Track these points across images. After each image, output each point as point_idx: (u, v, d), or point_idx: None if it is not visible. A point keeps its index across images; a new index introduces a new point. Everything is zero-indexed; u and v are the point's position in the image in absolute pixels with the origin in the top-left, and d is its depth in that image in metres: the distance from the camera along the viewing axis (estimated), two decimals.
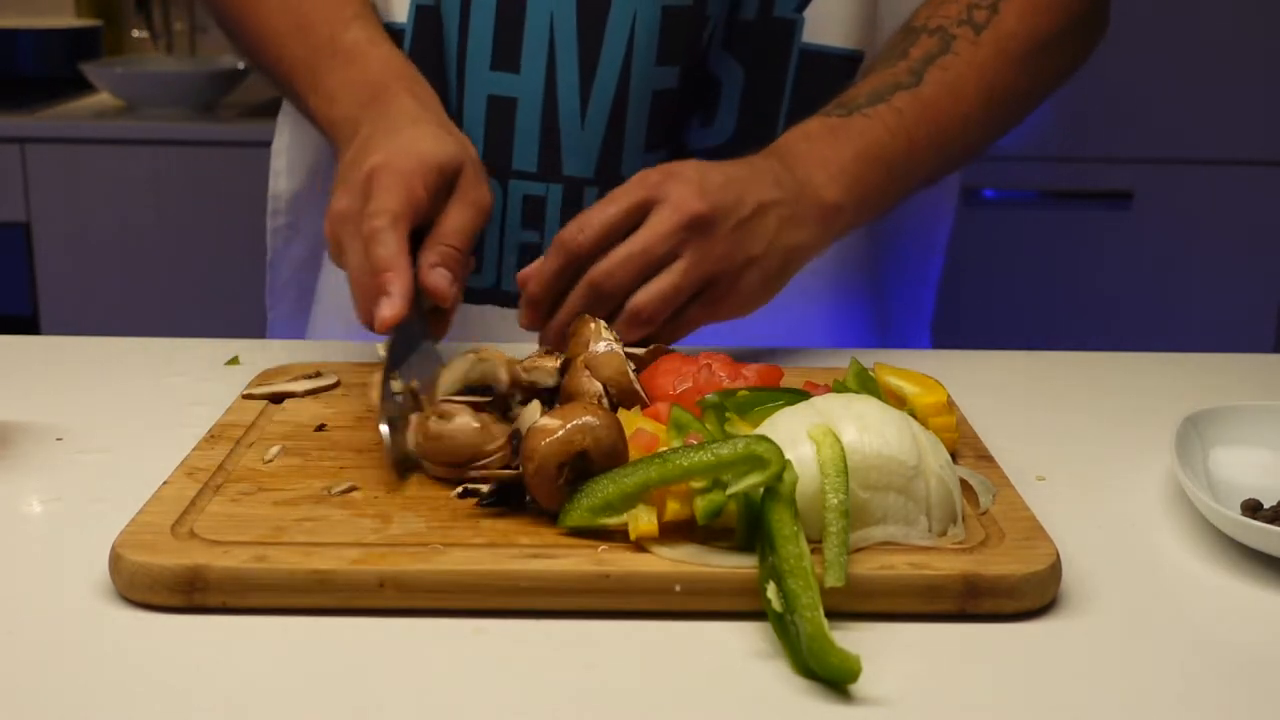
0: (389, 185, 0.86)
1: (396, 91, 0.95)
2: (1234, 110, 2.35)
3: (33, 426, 0.85)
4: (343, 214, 0.87)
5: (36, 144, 2.32)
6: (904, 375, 0.80)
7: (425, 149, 0.88)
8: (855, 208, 0.97)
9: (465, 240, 0.88)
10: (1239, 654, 0.63)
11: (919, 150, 1.00)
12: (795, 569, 0.61)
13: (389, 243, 0.83)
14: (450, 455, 0.73)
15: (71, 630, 0.62)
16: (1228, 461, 0.79)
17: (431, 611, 0.63)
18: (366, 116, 0.93)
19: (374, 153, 0.88)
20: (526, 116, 1.03)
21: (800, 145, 0.97)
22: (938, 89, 1.01)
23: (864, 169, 0.97)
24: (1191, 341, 2.12)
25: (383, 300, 0.82)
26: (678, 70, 1.02)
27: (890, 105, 0.99)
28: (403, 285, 0.82)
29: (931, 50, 1.02)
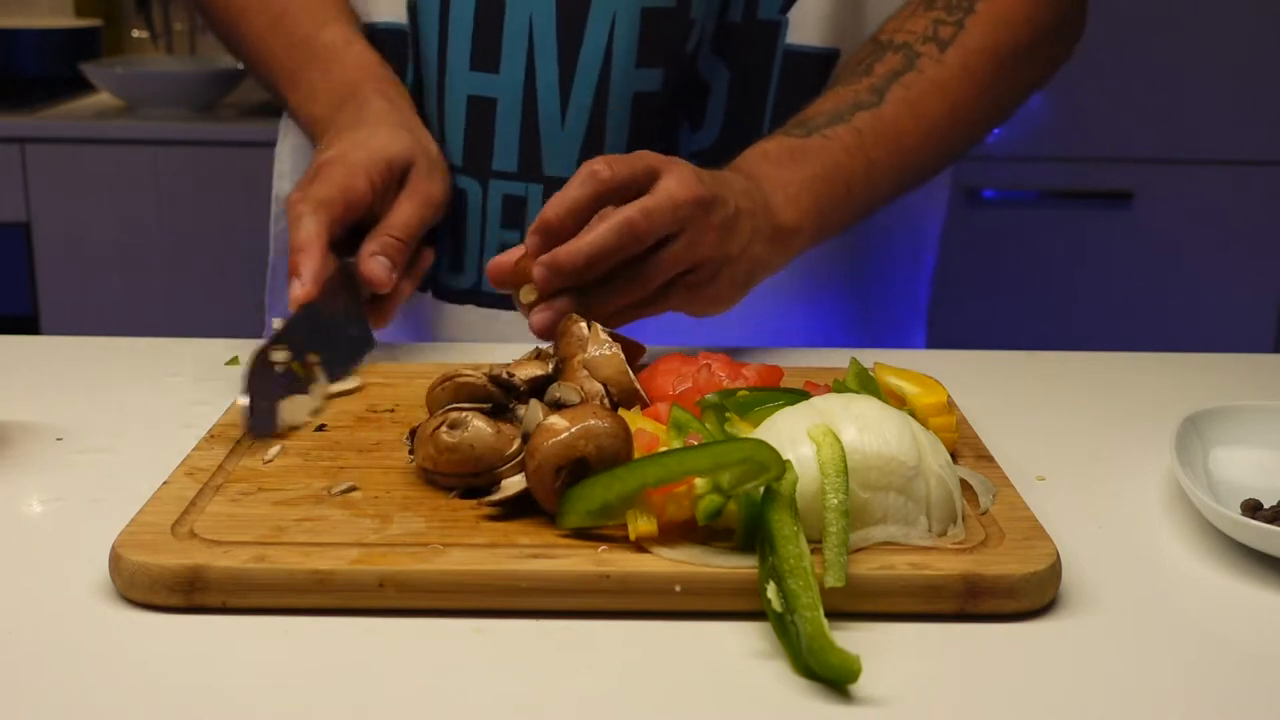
0: (330, 176, 0.89)
1: (368, 93, 0.98)
2: (1234, 110, 2.35)
3: (33, 426, 0.85)
4: (290, 199, 0.91)
5: (36, 144, 2.32)
6: (904, 375, 0.80)
7: (376, 144, 0.91)
8: (813, 229, 0.97)
9: (408, 231, 0.91)
10: (1239, 653, 0.63)
11: (879, 170, 1.00)
12: (795, 569, 0.61)
13: (307, 226, 0.87)
14: (470, 465, 0.71)
15: (71, 630, 0.62)
16: (1228, 461, 0.79)
17: (431, 611, 0.63)
18: (337, 117, 0.97)
19: (330, 148, 0.91)
20: (506, 117, 1.03)
21: (760, 166, 0.97)
22: (899, 108, 1.00)
23: (822, 190, 0.97)
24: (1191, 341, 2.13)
25: (293, 281, 0.86)
26: (661, 73, 1.02)
27: (850, 125, 0.99)
28: (313, 266, 0.86)
29: (896, 67, 1.02)
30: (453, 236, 1.07)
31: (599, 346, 0.80)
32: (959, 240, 2.40)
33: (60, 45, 2.62)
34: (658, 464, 0.65)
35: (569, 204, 0.86)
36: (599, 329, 0.81)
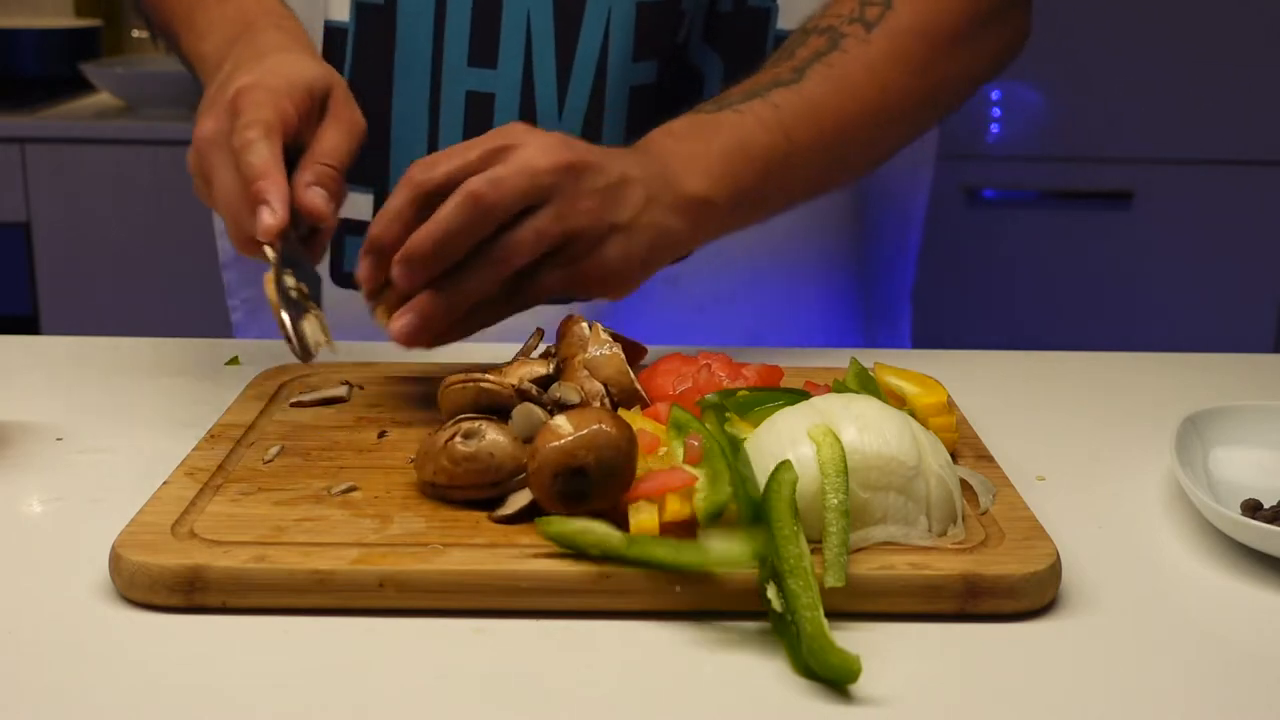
0: (258, 101, 0.83)
1: (263, 26, 0.94)
2: (1234, 110, 2.35)
3: (33, 426, 0.85)
4: (209, 136, 0.84)
5: (36, 144, 2.32)
6: (904, 375, 0.80)
7: (293, 70, 0.86)
8: (728, 203, 0.92)
9: (341, 159, 0.86)
10: (1239, 653, 0.63)
11: (798, 147, 0.95)
12: (795, 569, 0.61)
13: (261, 151, 0.81)
14: (490, 475, 0.70)
15: (71, 630, 0.62)
16: (1228, 461, 0.79)
17: (431, 611, 0.63)
18: (233, 51, 0.92)
19: (240, 78, 0.86)
20: (504, 111, 1.02)
21: (665, 142, 0.93)
22: (821, 86, 0.96)
23: (732, 164, 0.92)
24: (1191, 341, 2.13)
25: (262, 209, 0.79)
26: (655, 66, 1.02)
27: (766, 100, 0.95)
28: (280, 191, 0.80)
29: (819, 48, 0.98)
30: None
31: (600, 346, 0.80)
32: (959, 240, 2.40)
33: (60, 45, 2.62)
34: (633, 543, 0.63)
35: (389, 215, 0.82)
36: (599, 329, 0.81)
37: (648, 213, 0.87)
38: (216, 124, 0.84)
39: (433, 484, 0.71)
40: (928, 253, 2.14)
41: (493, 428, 0.71)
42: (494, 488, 0.70)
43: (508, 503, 0.69)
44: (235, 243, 0.83)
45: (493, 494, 0.70)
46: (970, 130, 2.37)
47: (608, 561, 0.63)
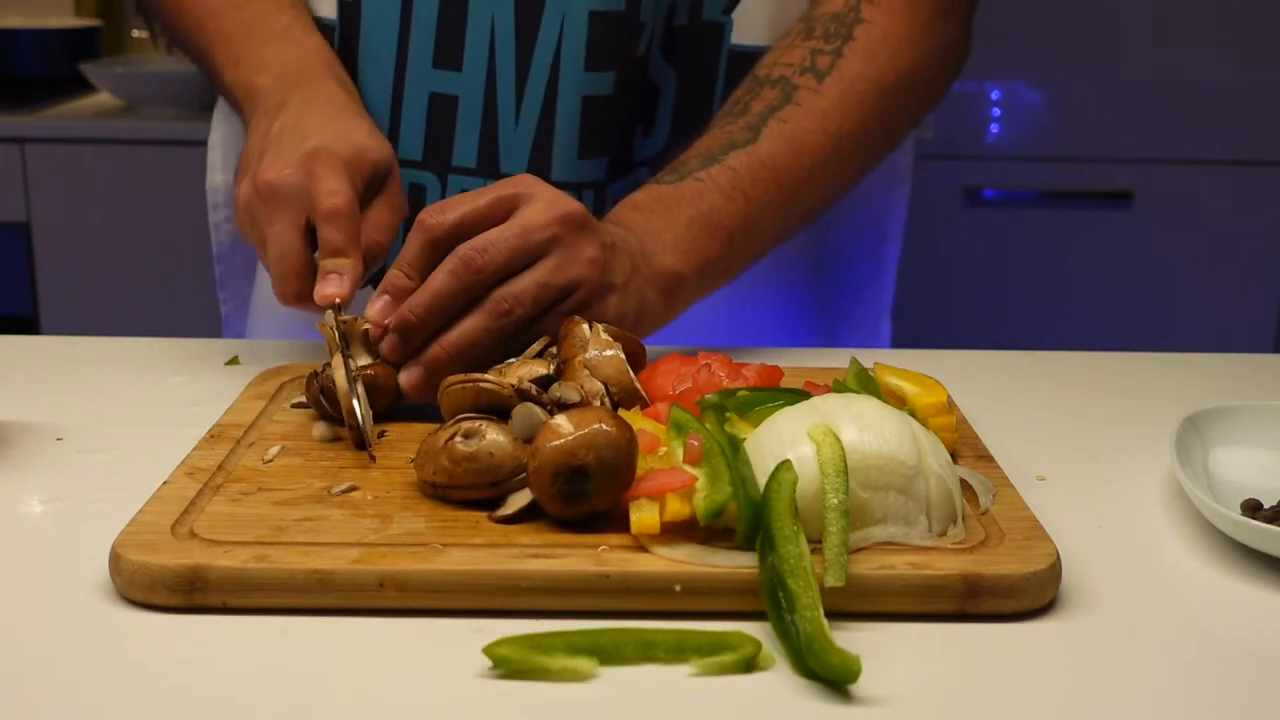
0: (336, 169, 0.85)
1: (326, 78, 0.96)
2: (1234, 110, 2.35)
3: (33, 426, 0.85)
4: (275, 184, 0.85)
5: (36, 144, 2.32)
6: (904, 375, 0.80)
7: (363, 142, 0.88)
8: (696, 276, 0.94)
9: (389, 240, 0.88)
10: (1239, 653, 0.63)
11: (759, 209, 0.96)
12: (795, 569, 0.61)
13: (345, 229, 0.84)
14: (490, 474, 0.70)
15: (71, 630, 0.62)
16: (1228, 461, 0.79)
17: (431, 611, 0.63)
18: (294, 94, 0.93)
19: (312, 133, 0.87)
20: (467, 113, 1.03)
21: (631, 216, 0.94)
22: (776, 143, 0.97)
23: (698, 236, 0.94)
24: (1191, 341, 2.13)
25: (332, 278, 0.82)
26: (612, 77, 1.02)
27: (724, 165, 0.96)
28: (355, 270, 0.83)
29: (772, 102, 0.99)
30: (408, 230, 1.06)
31: (600, 347, 0.80)
32: (959, 240, 2.41)
33: (60, 45, 2.62)
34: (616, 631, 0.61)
35: (405, 261, 0.84)
36: (600, 329, 0.81)
37: (634, 282, 0.89)
38: (289, 175, 0.85)
39: (433, 484, 0.71)
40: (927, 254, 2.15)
41: (493, 428, 0.71)
42: (494, 488, 0.70)
43: (508, 503, 0.69)
44: (280, 294, 0.85)
45: (492, 494, 0.70)
46: (970, 130, 2.37)
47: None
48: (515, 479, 0.70)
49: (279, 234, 0.85)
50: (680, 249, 0.93)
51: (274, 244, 0.85)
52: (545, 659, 0.58)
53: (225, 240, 1.22)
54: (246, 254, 1.22)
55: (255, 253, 1.19)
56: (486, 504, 0.70)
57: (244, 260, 1.22)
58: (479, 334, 0.83)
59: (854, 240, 1.21)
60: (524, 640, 0.59)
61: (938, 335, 2.40)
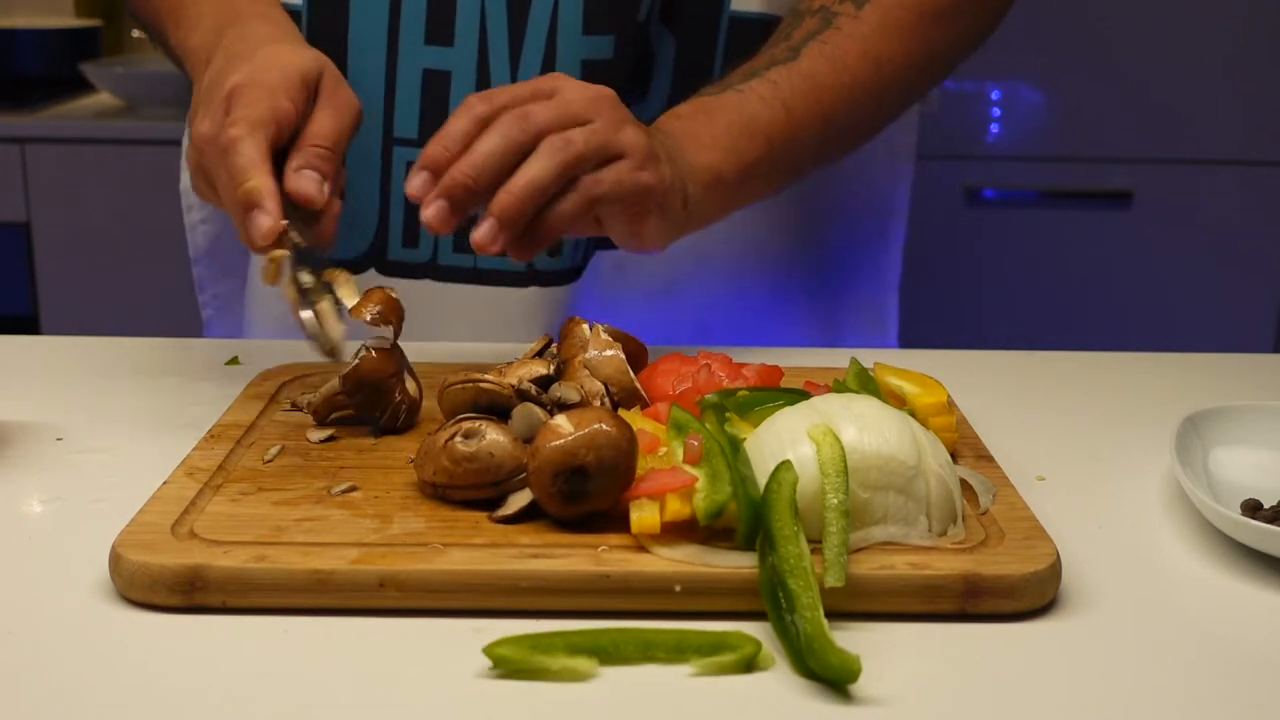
0: (251, 99, 0.83)
1: (249, 17, 0.94)
2: (1234, 110, 2.35)
3: (33, 426, 0.85)
4: (206, 135, 0.84)
5: (36, 144, 2.32)
6: (904, 375, 0.80)
7: (284, 61, 0.86)
8: (737, 176, 0.95)
9: (333, 140, 0.85)
10: (1239, 653, 0.63)
11: (800, 121, 0.98)
12: (795, 569, 0.61)
13: (246, 150, 0.81)
14: (490, 474, 0.70)
15: (71, 630, 0.62)
16: (1228, 461, 0.79)
17: (431, 611, 0.63)
18: (221, 43, 0.91)
19: (233, 73, 0.85)
20: (461, 88, 1.03)
21: (672, 123, 0.95)
22: (816, 60, 0.99)
23: (738, 139, 0.95)
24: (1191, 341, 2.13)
25: (255, 214, 0.79)
26: (611, 41, 1.02)
27: (764, 79, 0.98)
28: (270, 190, 0.80)
29: (812, 29, 1.01)
30: (408, 210, 1.06)
31: (600, 347, 0.80)
32: (959, 240, 2.40)
33: (60, 45, 2.62)
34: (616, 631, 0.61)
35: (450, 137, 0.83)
36: (600, 330, 0.81)
37: (675, 181, 0.90)
38: (211, 124, 0.84)
39: (433, 484, 0.71)
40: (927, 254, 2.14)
41: (493, 428, 0.71)
42: (494, 488, 0.70)
43: (508, 503, 0.69)
44: (245, 242, 0.82)
45: (492, 494, 0.70)
46: (970, 130, 2.37)
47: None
48: (515, 479, 0.70)
49: (224, 184, 0.82)
50: (719, 148, 0.94)
51: (225, 197, 0.83)
52: (545, 659, 0.58)
53: (201, 242, 1.21)
54: (225, 256, 1.21)
55: (234, 253, 1.19)
56: (486, 504, 0.70)
57: (222, 262, 1.21)
58: (544, 175, 0.82)
59: (858, 219, 1.20)
60: (524, 640, 0.59)
61: (937, 335, 2.39)
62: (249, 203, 0.79)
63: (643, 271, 1.10)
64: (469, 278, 1.06)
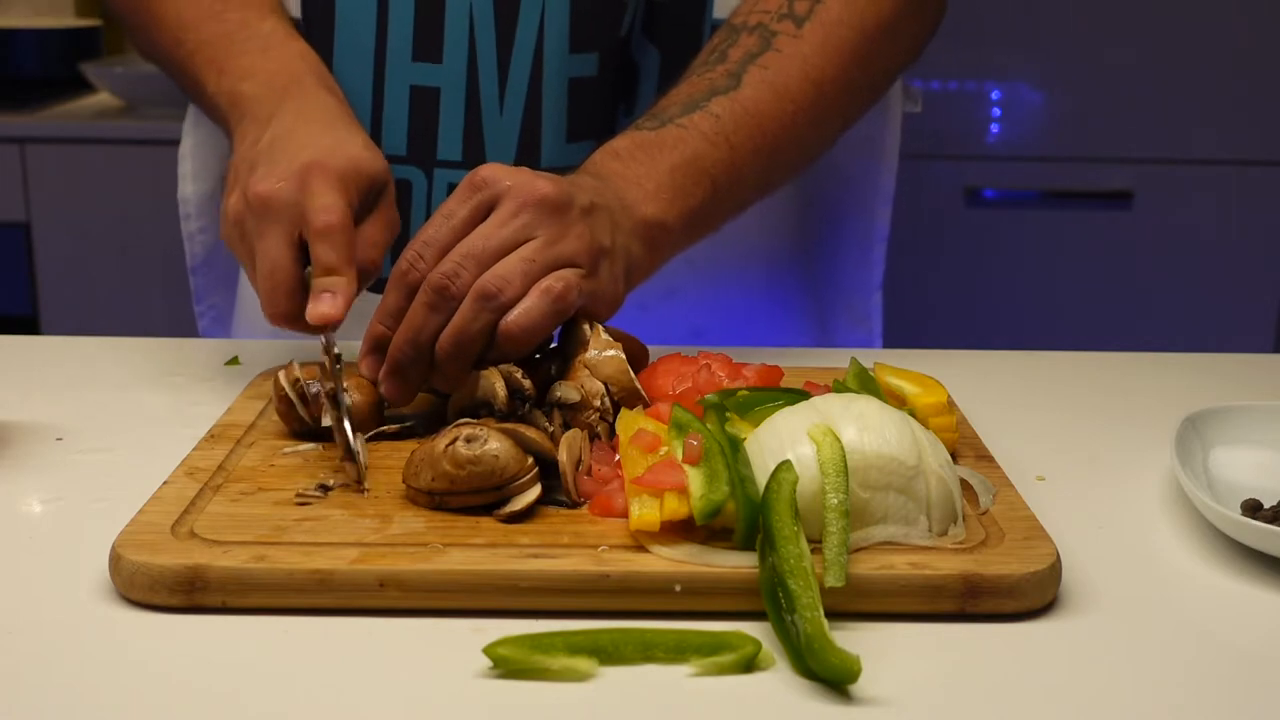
0: (332, 184, 0.82)
1: (315, 87, 0.93)
2: (1234, 110, 2.35)
3: (33, 426, 0.85)
4: (267, 197, 0.81)
5: (36, 144, 2.32)
6: (904, 375, 0.80)
7: (358, 154, 0.85)
8: (681, 224, 0.92)
9: (381, 257, 0.85)
10: (1239, 653, 0.63)
11: (743, 156, 0.95)
12: (795, 569, 0.61)
13: (340, 246, 0.80)
14: (494, 478, 0.69)
15: (71, 630, 0.62)
16: (1228, 461, 0.79)
17: (431, 611, 0.63)
18: (282, 103, 0.90)
19: (306, 145, 0.84)
20: (450, 105, 1.02)
21: (611, 165, 0.92)
22: (758, 89, 0.96)
23: (683, 182, 0.92)
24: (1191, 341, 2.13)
25: (325, 297, 0.78)
26: (596, 58, 1.02)
27: (706, 112, 0.94)
28: (349, 290, 0.79)
29: (751, 49, 0.98)
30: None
31: (600, 347, 0.80)
32: (959, 240, 2.40)
33: (60, 45, 2.62)
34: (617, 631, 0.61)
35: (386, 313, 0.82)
36: (601, 330, 0.81)
37: (619, 238, 0.86)
38: (279, 189, 0.82)
39: (430, 491, 0.70)
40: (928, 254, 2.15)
41: (493, 433, 0.71)
42: (496, 491, 0.70)
43: (513, 500, 0.69)
44: (268, 314, 0.81)
45: (494, 498, 0.70)
46: (970, 130, 2.37)
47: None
48: (518, 482, 0.70)
49: (269, 249, 0.81)
50: (664, 197, 0.90)
51: (264, 259, 0.81)
52: (545, 659, 0.58)
53: (199, 252, 1.20)
54: (223, 265, 1.21)
55: (232, 263, 1.18)
56: (484, 509, 0.70)
57: (220, 271, 1.21)
58: (468, 323, 0.79)
59: (844, 219, 1.20)
60: (524, 640, 0.59)
61: (937, 335, 2.40)
62: (328, 289, 0.79)
63: None
64: None
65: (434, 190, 1.04)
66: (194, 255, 1.21)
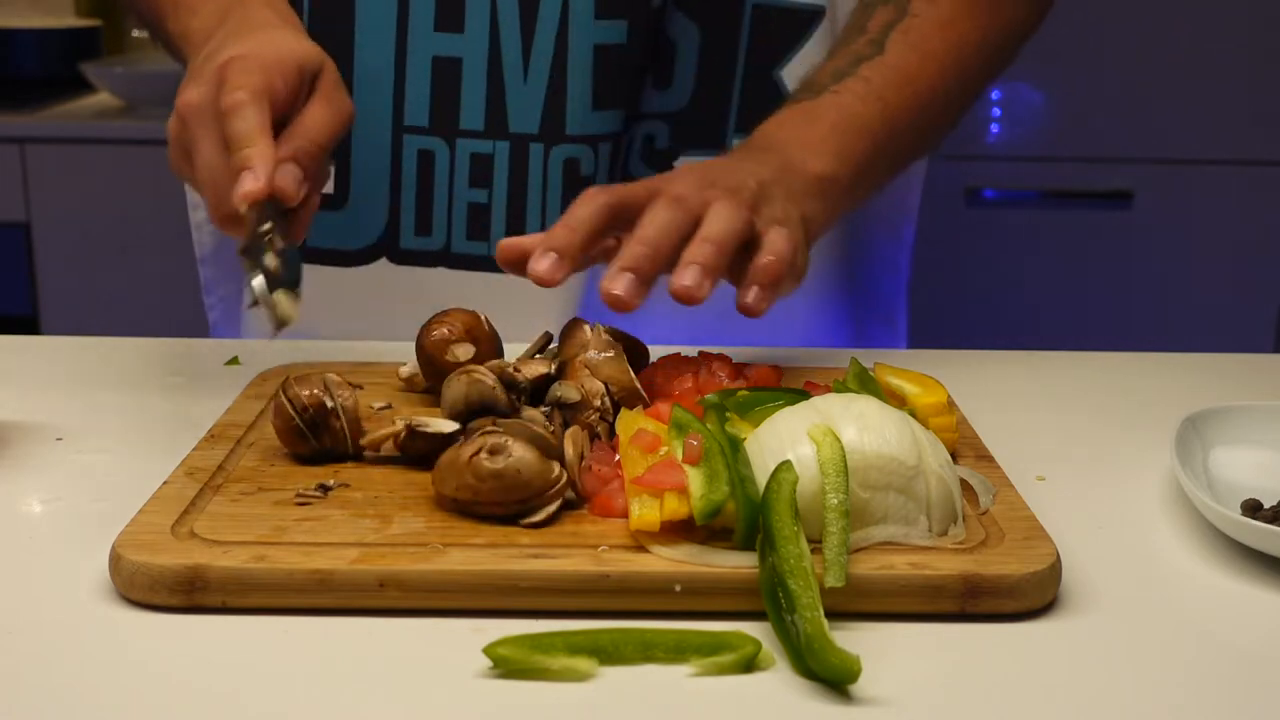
0: (247, 69, 0.80)
1: (253, 3, 0.91)
2: (1234, 110, 2.35)
3: (33, 426, 0.85)
4: (194, 103, 0.80)
5: (36, 144, 2.32)
6: (904, 375, 0.80)
7: (284, 45, 0.83)
8: (850, 177, 0.94)
9: (326, 139, 0.83)
10: (1239, 654, 0.63)
11: (896, 114, 0.98)
12: (795, 569, 0.61)
13: (249, 116, 0.78)
14: (517, 492, 0.68)
15: (71, 630, 0.62)
16: (1228, 461, 0.79)
17: (431, 611, 0.63)
18: (222, 26, 0.88)
19: (229, 50, 0.82)
20: (472, 75, 1.03)
21: (775, 133, 0.95)
22: (903, 52, 0.99)
23: (844, 139, 0.95)
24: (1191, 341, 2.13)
25: (244, 174, 0.76)
26: (624, 25, 1.02)
27: (856, 77, 0.98)
28: (266, 159, 0.77)
29: (889, 18, 1.01)
30: (419, 198, 1.06)
31: (600, 348, 0.80)
32: (959, 240, 2.40)
33: (60, 45, 2.62)
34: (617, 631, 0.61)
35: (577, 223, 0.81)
36: (601, 329, 0.81)
37: (791, 205, 0.88)
38: (202, 92, 0.80)
39: (455, 499, 0.69)
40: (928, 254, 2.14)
41: (518, 444, 0.69)
42: (520, 504, 0.68)
43: (537, 511, 0.68)
44: (215, 219, 0.80)
45: (520, 510, 0.68)
46: (970, 130, 2.37)
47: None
48: (544, 495, 0.69)
49: (203, 153, 0.79)
50: (829, 153, 0.93)
51: (201, 168, 0.79)
52: (545, 659, 0.58)
53: (208, 242, 1.20)
54: (232, 257, 1.21)
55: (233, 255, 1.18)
56: (508, 519, 0.69)
57: (230, 263, 1.21)
58: (732, 220, 0.81)
59: (876, 219, 1.20)
60: (524, 640, 0.59)
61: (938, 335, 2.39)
62: (243, 165, 0.76)
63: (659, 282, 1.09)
64: (483, 265, 1.06)
65: (456, 160, 1.04)
66: (202, 245, 1.20)
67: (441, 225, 1.06)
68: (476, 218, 1.04)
